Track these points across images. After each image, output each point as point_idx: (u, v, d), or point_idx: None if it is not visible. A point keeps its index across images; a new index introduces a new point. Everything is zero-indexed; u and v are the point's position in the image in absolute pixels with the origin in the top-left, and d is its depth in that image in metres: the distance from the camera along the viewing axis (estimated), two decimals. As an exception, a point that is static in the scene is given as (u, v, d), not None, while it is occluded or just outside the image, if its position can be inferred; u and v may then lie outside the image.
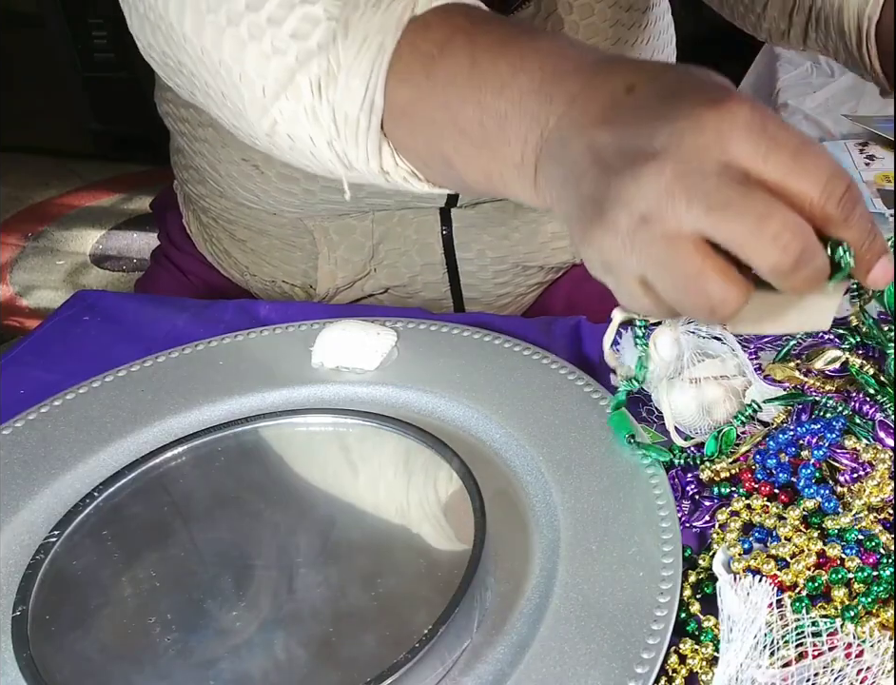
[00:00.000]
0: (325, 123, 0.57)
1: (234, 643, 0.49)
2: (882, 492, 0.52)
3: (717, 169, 0.42)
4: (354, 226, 0.89)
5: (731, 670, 0.43)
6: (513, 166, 0.50)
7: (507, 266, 0.93)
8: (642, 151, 0.43)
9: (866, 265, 0.46)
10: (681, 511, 0.55)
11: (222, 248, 1.00)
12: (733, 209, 0.42)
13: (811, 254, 0.43)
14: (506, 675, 0.47)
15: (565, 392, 0.64)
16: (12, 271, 2.77)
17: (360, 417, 0.62)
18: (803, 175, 0.43)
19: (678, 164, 0.42)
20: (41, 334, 0.78)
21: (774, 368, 0.61)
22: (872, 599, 0.47)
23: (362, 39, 0.54)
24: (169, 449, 0.61)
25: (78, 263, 2.79)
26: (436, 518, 0.55)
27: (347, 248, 0.91)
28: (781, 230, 0.42)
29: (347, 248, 0.91)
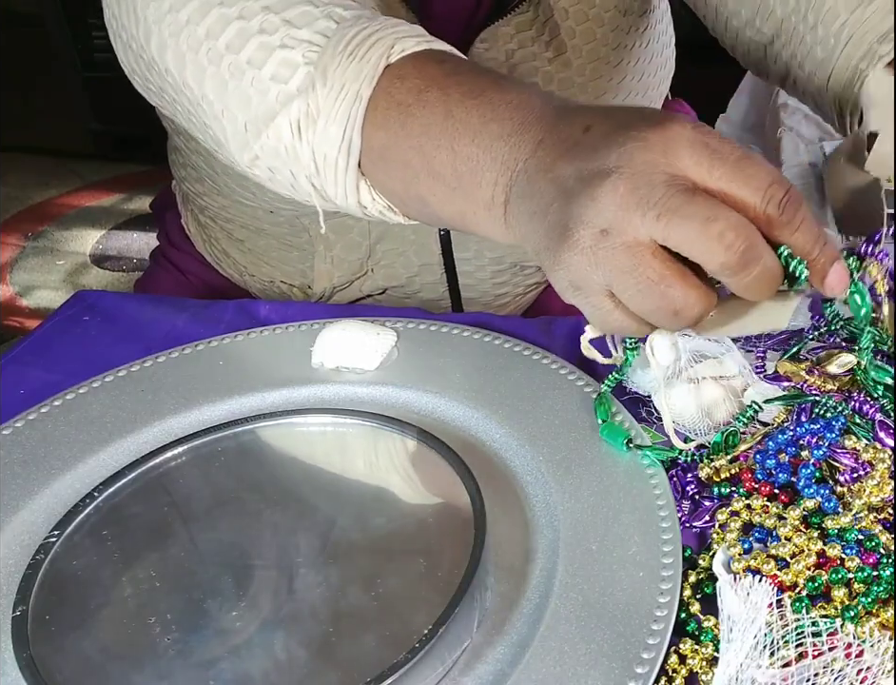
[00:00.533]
0: (305, 161, 0.59)
1: (234, 643, 0.49)
2: (882, 492, 0.52)
3: (666, 180, 0.46)
4: (351, 226, 0.89)
5: (731, 670, 0.43)
6: (484, 207, 0.54)
7: (505, 266, 0.93)
8: (598, 172, 0.47)
9: (820, 273, 0.49)
10: (681, 511, 0.55)
11: (220, 248, 1.00)
12: (681, 214, 0.45)
13: (757, 251, 0.46)
14: (506, 674, 0.47)
15: (565, 392, 0.64)
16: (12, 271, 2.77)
17: (360, 417, 0.62)
18: (744, 182, 0.47)
19: (630, 179, 0.46)
20: (41, 334, 0.78)
21: (784, 364, 0.61)
22: (872, 599, 0.47)
23: (340, 87, 0.57)
24: (169, 449, 0.61)
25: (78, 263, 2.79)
26: (435, 518, 0.55)
27: (344, 247, 0.90)
28: (725, 229, 0.45)
29: (344, 247, 0.90)
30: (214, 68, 0.61)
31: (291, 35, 0.59)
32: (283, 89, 0.58)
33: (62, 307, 0.82)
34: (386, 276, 0.92)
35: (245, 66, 0.60)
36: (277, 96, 0.59)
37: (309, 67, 0.58)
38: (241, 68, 0.60)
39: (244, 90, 0.60)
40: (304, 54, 0.58)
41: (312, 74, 0.57)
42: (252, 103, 0.60)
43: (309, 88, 0.57)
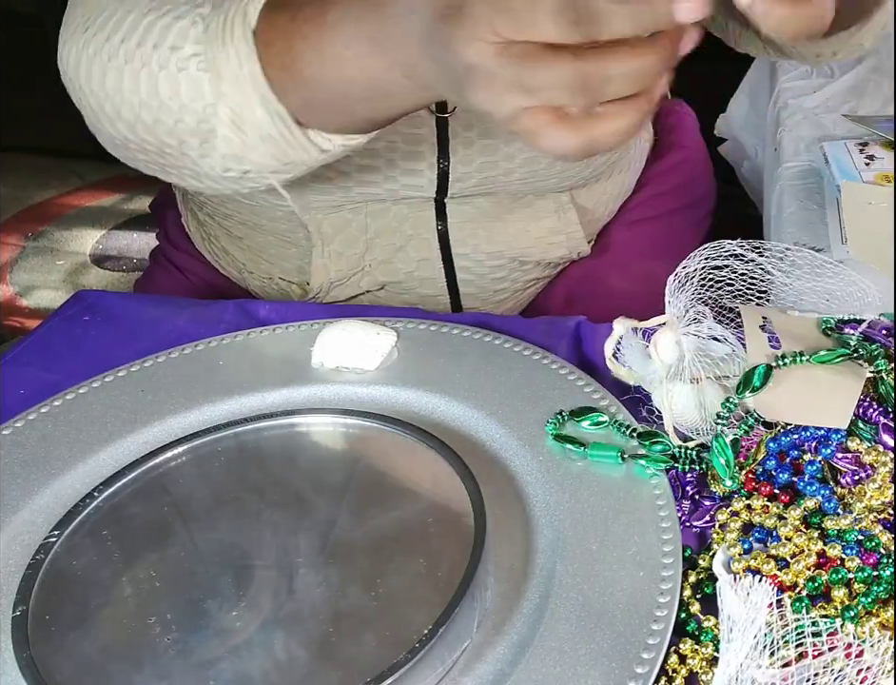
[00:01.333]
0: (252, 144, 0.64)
1: (234, 643, 0.49)
2: (882, 495, 0.52)
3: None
4: (349, 220, 0.89)
5: (731, 670, 0.43)
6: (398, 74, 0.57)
7: (503, 261, 0.93)
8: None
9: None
10: (681, 511, 0.55)
11: (220, 246, 1.00)
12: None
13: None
14: (506, 674, 0.47)
15: (565, 392, 0.64)
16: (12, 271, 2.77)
17: (360, 417, 0.62)
18: (540, 31, 0.47)
19: None
20: (41, 334, 0.78)
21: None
22: (872, 599, 0.47)
23: (235, 77, 0.62)
24: (169, 449, 0.61)
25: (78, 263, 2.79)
26: (435, 518, 0.55)
27: (341, 242, 0.90)
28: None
29: (341, 242, 0.90)
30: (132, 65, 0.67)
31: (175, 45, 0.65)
32: (200, 100, 0.64)
33: (62, 307, 0.82)
34: (384, 271, 0.92)
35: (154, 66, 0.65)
36: (205, 108, 0.64)
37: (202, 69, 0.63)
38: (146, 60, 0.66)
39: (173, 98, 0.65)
40: (195, 52, 0.64)
41: (208, 78, 0.63)
42: (188, 109, 0.65)
43: (212, 86, 0.63)
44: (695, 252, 0.60)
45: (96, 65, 0.69)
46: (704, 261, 0.60)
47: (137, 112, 0.68)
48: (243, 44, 0.61)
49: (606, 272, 1.00)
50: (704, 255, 0.60)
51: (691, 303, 0.59)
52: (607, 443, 0.58)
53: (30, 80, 3.34)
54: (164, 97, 0.66)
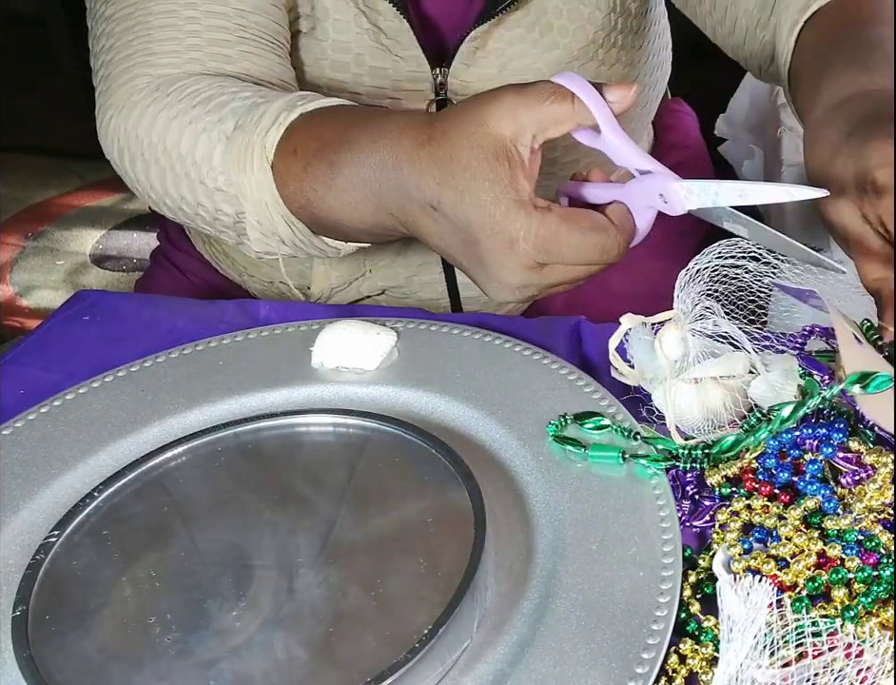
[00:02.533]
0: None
1: (234, 643, 0.49)
2: (883, 496, 0.52)
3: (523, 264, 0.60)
4: None
5: (731, 670, 0.43)
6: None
7: None
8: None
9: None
10: (681, 511, 0.55)
11: (220, 249, 1.00)
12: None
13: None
14: (506, 674, 0.47)
15: (565, 392, 0.64)
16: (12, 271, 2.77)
17: (360, 417, 0.62)
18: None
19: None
20: (41, 334, 0.78)
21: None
22: (872, 599, 0.47)
23: (257, 201, 0.68)
24: (169, 449, 0.61)
25: (78, 263, 2.78)
26: (435, 518, 0.55)
27: None
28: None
29: None
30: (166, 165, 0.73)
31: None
32: (229, 223, 0.72)
33: (62, 307, 0.82)
34: (385, 276, 0.92)
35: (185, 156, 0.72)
36: (235, 226, 0.72)
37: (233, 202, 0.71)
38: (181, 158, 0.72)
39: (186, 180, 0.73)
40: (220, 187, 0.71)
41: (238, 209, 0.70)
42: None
43: (240, 219, 0.71)
44: (709, 248, 0.61)
45: (139, 160, 0.75)
46: (716, 257, 0.60)
47: (179, 204, 0.75)
48: (263, 175, 0.67)
49: (606, 275, 0.99)
50: (717, 252, 0.60)
51: (699, 298, 0.59)
52: (608, 444, 0.58)
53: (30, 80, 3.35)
54: (200, 198, 0.72)
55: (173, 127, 0.72)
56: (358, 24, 0.82)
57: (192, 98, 0.73)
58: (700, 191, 0.59)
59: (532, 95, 0.59)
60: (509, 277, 0.59)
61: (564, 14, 0.85)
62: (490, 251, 0.59)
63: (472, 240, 0.59)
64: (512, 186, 0.58)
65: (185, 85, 0.74)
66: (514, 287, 0.60)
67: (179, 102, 0.73)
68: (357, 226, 0.67)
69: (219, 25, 0.77)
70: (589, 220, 0.59)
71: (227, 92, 0.72)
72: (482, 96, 0.60)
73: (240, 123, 0.69)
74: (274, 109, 0.68)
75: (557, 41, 0.85)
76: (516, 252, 0.58)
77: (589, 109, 0.59)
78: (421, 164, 0.60)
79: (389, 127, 0.63)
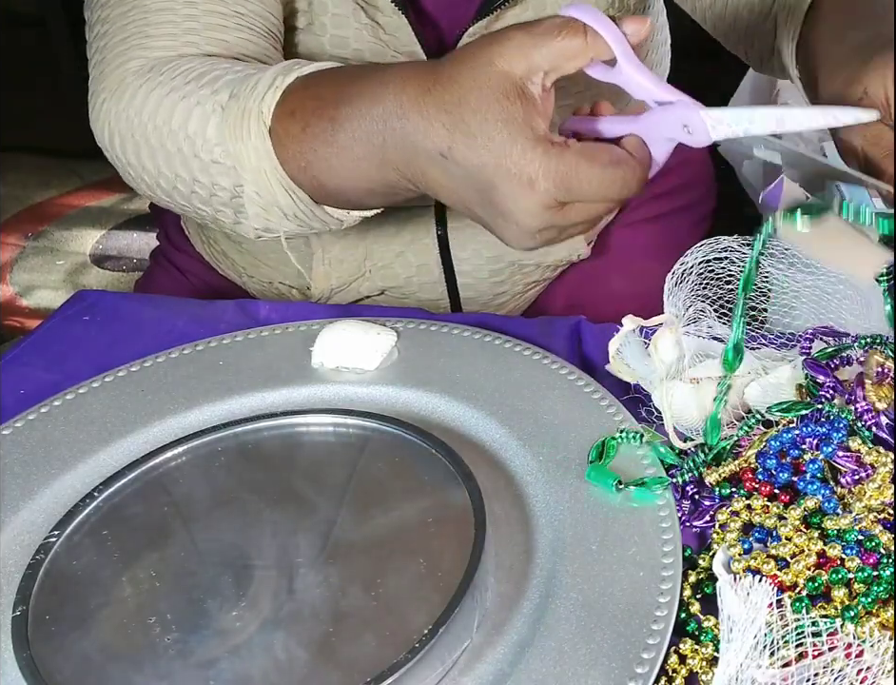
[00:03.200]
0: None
1: (234, 643, 0.49)
2: (882, 495, 0.52)
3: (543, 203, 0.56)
4: (348, 228, 0.89)
5: (731, 670, 0.43)
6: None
7: (503, 265, 0.93)
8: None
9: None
10: (681, 511, 0.55)
11: (219, 249, 1.00)
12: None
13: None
14: (506, 674, 0.47)
15: (565, 392, 0.64)
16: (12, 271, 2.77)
17: (360, 417, 0.62)
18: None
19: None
20: (41, 334, 0.78)
21: None
22: (872, 599, 0.47)
23: (255, 170, 0.66)
24: (169, 449, 0.61)
25: (78, 263, 2.78)
26: (435, 518, 0.55)
27: (342, 249, 0.90)
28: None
29: (342, 249, 0.90)
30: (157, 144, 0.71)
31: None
32: (223, 196, 0.69)
33: (62, 307, 0.82)
34: (385, 277, 0.92)
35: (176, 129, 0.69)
36: (232, 196, 0.69)
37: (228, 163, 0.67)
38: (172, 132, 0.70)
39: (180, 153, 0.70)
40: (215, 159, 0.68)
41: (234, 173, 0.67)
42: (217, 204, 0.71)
43: (235, 187, 0.68)
44: (692, 249, 0.60)
45: (129, 141, 0.73)
46: (702, 256, 0.60)
47: (174, 184, 0.72)
48: (261, 141, 0.65)
49: (606, 273, 0.99)
50: (701, 251, 0.60)
51: (690, 300, 0.59)
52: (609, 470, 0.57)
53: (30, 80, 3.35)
54: (196, 174, 0.69)
55: (165, 104, 0.70)
56: (356, 19, 0.82)
57: (185, 75, 0.71)
58: (731, 120, 0.55)
59: (541, 31, 0.56)
60: (529, 220, 0.57)
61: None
62: (507, 195, 0.56)
63: (487, 185, 0.57)
64: (526, 124, 0.55)
65: (178, 64, 0.73)
66: (534, 230, 0.57)
67: (171, 79, 0.71)
68: (360, 186, 0.64)
69: (216, 10, 0.75)
70: (608, 153, 0.56)
71: (220, 68, 0.71)
72: (489, 36, 0.58)
73: (234, 92, 0.67)
74: (269, 75, 0.66)
75: None
76: (535, 192, 0.55)
77: (604, 41, 0.56)
78: (429, 110, 0.58)
79: (390, 77, 0.61)
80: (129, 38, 0.75)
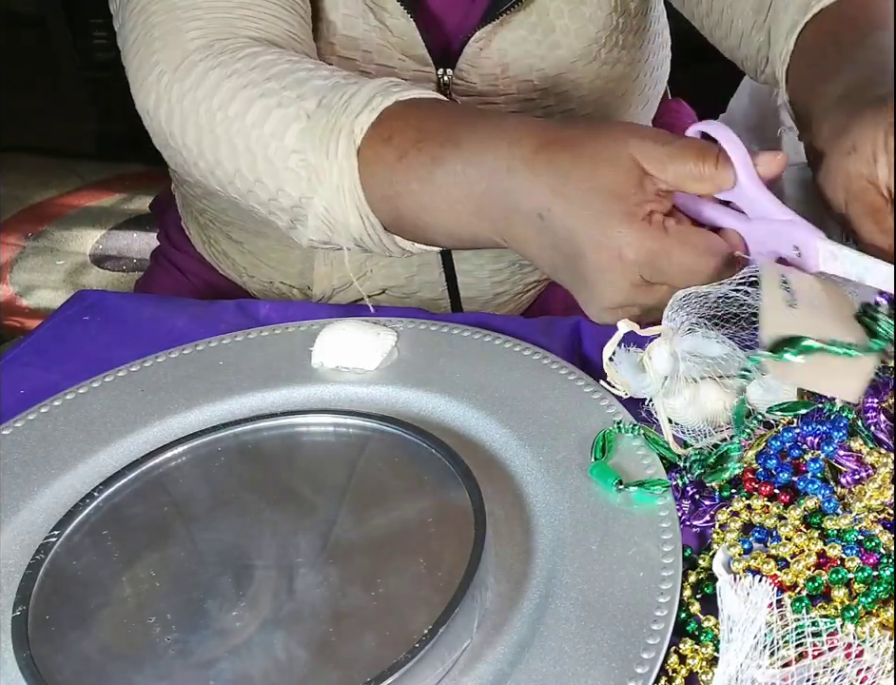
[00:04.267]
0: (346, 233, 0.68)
1: (234, 643, 0.49)
2: (882, 495, 0.52)
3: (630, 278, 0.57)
4: None
5: (731, 670, 0.43)
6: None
7: (504, 265, 0.93)
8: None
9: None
10: (681, 511, 0.55)
11: (220, 250, 1.00)
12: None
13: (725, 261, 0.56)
14: (506, 674, 0.47)
15: (565, 392, 0.64)
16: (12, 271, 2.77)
17: (360, 417, 0.62)
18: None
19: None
20: (41, 334, 0.78)
21: None
22: (872, 599, 0.47)
23: (334, 188, 0.64)
24: (169, 449, 0.61)
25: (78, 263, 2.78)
26: (435, 518, 0.55)
27: None
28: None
29: None
30: (223, 134, 0.68)
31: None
32: (296, 194, 0.66)
33: (62, 307, 0.82)
34: (385, 276, 0.92)
35: (251, 128, 0.66)
36: (301, 198, 0.66)
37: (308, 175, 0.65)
38: (247, 130, 0.67)
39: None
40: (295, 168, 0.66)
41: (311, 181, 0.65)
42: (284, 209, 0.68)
43: (313, 196, 0.65)
44: None
45: (191, 123, 0.69)
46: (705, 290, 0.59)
47: (232, 179, 0.69)
48: (347, 161, 0.63)
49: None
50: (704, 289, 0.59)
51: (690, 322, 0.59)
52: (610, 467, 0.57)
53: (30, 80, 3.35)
54: (261, 175, 0.67)
55: (240, 97, 0.67)
56: (366, 20, 0.82)
57: (265, 69, 0.68)
58: (847, 261, 0.54)
59: (680, 147, 0.57)
60: (613, 294, 0.56)
61: (566, 15, 0.85)
62: (594, 266, 0.55)
63: (576, 253, 0.56)
64: (629, 201, 0.55)
65: (257, 53, 0.69)
66: (615, 305, 0.57)
67: (250, 71, 0.68)
68: (445, 230, 0.63)
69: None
70: (704, 240, 0.56)
71: (304, 68, 0.68)
72: (629, 124, 0.58)
73: (324, 102, 0.64)
74: (365, 92, 0.64)
75: (560, 41, 0.85)
76: (622, 264, 0.55)
77: (733, 172, 0.56)
78: (538, 168, 0.56)
79: (507, 127, 0.60)
80: (178, 9, 0.72)
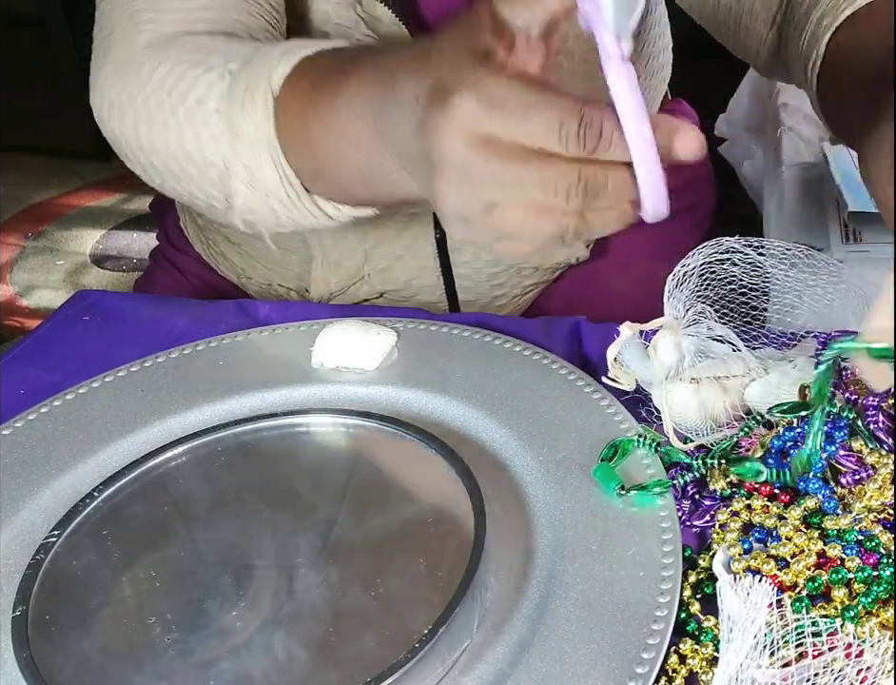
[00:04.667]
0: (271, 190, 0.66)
1: (234, 643, 0.49)
2: (882, 496, 0.52)
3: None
4: (347, 231, 0.89)
5: (731, 670, 0.43)
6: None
7: (502, 268, 0.93)
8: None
9: (669, 148, 0.49)
10: (681, 511, 0.55)
11: (218, 251, 1.00)
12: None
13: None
14: (506, 674, 0.47)
15: (565, 392, 0.64)
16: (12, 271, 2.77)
17: (360, 417, 0.62)
18: (534, 136, 0.46)
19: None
20: (41, 334, 0.78)
21: None
22: (872, 599, 0.47)
23: (251, 141, 0.63)
24: (169, 449, 0.61)
25: (78, 263, 2.78)
26: (435, 518, 0.55)
27: (341, 253, 0.90)
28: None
29: (341, 253, 0.90)
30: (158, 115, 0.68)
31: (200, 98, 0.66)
32: (218, 152, 0.65)
33: (62, 307, 0.82)
34: (383, 280, 0.92)
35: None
36: (223, 160, 0.66)
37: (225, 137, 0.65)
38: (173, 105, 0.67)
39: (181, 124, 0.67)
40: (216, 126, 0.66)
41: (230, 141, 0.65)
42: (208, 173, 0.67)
43: (232, 154, 0.65)
44: (694, 250, 0.60)
45: (129, 112, 0.70)
46: (703, 258, 0.60)
47: (166, 163, 0.70)
48: (262, 108, 0.62)
49: (606, 275, 0.99)
50: (703, 253, 0.60)
51: (690, 302, 0.59)
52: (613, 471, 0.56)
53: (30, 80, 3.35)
54: (188, 148, 0.67)
55: (175, 71, 0.68)
56: (358, 30, 0.82)
57: (201, 48, 0.69)
58: None
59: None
60: (446, 149, 0.47)
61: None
62: (427, 112, 0.48)
63: (418, 122, 0.50)
64: (477, 40, 0.49)
65: (196, 38, 0.71)
66: (456, 169, 0.48)
67: (185, 51, 0.69)
68: (348, 166, 0.60)
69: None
70: (557, 90, 0.49)
71: (242, 42, 0.69)
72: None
73: (248, 61, 0.65)
74: (285, 45, 0.65)
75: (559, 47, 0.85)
76: (451, 107, 0.47)
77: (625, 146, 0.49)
78: (413, 64, 0.53)
79: (395, 50, 0.60)
80: (140, 12, 0.73)
